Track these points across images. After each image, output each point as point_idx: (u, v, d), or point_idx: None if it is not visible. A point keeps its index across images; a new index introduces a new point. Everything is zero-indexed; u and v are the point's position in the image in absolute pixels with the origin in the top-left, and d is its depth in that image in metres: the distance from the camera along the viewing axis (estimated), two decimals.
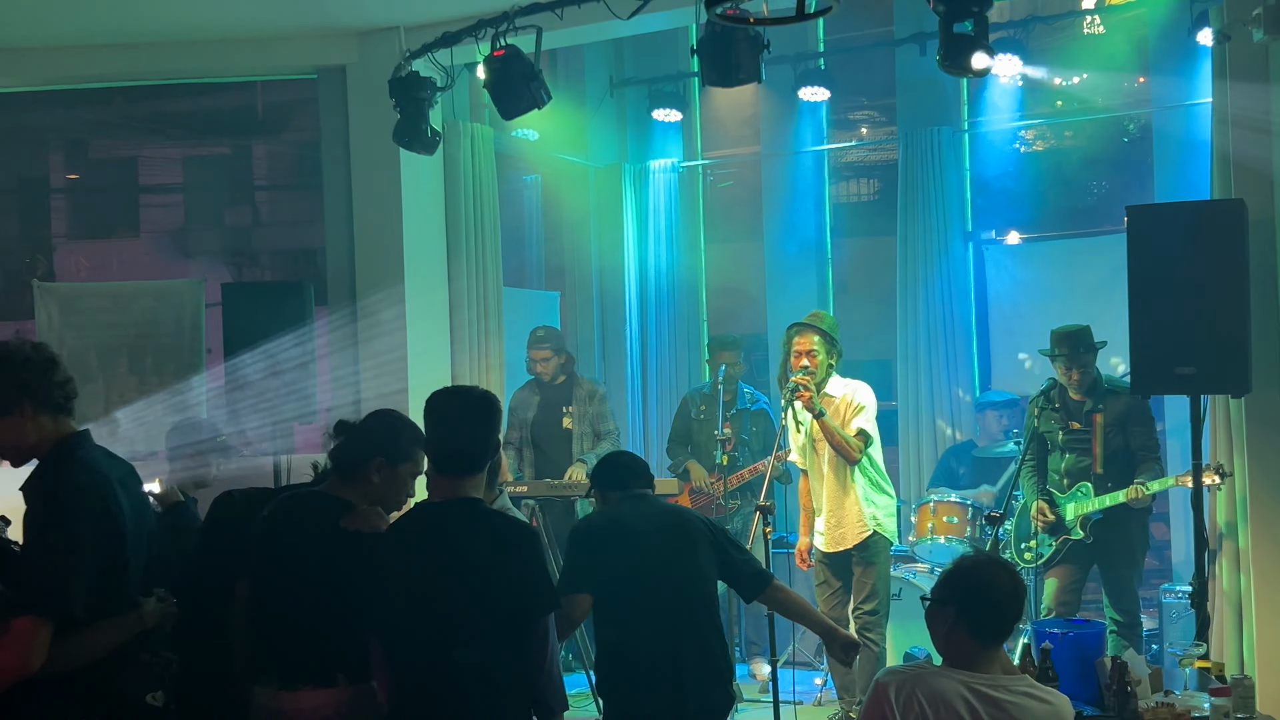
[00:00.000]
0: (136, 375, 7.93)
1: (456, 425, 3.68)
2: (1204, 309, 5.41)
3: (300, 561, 3.71)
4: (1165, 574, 8.22)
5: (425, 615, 3.53)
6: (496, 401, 3.79)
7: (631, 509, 4.62)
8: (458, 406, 3.73)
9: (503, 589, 3.53)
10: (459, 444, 3.67)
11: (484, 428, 3.72)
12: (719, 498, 7.74)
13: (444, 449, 3.68)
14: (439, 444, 3.69)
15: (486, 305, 8.22)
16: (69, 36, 7.79)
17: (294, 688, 3.66)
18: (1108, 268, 7.47)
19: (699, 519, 4.74)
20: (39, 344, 3.54)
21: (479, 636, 3.52)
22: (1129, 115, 10.09)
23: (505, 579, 3.54)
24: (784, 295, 9.55)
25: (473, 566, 3.54)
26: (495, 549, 3.57)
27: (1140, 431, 6.44)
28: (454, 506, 3.63)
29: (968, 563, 3.63)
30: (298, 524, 3.79)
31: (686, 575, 4.54)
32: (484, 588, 3.52)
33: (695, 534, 4.62)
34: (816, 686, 7.50)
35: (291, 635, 3.69)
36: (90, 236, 17.41)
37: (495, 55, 6.39)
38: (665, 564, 4.46)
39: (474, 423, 3.70)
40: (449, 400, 3.77)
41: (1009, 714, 3.37)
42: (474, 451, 3.69)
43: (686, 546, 4.58)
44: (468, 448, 3.68)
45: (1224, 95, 6.04)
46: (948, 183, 8.78)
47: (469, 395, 3.80)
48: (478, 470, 3.69)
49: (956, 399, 8.69)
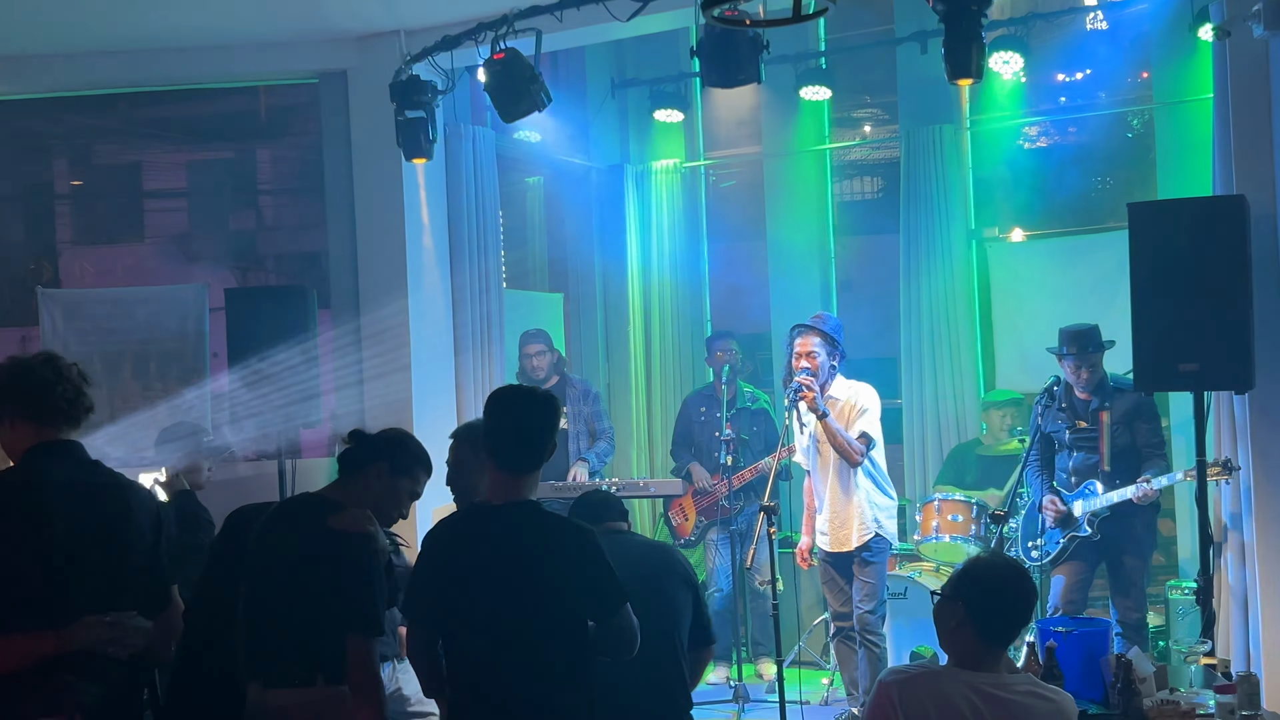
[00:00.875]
0: (141, 381, 7.96)
1: (518, 421, 3.71)
2: (1206, 305, 5.41)
3: (286, 560, 3.72)
4: (1171, 570, 8.20)
5: (488, 616, 3.55)
6: (557, 401, 3.82)
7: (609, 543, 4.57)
8: (520, 403, 3.76)
9: (569, 592, 3.56)
10: (519, 439, 3.70)
11: (544, 426, 3.74)
12: (723, 498, 7.74)
13: (503, 443, 3.69)
14: (498, 438, 3.71)
15: (489, 307, 8.23)
16: (71, 44, 7.81)
17: (277, 685, 3.66)
18: (1111, 264, 7.46)
19: (679, 559, 4.73)
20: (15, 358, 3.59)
21: (543, 639, 3.54)
22: (1131, 111, 10.07)
23: (571, 582, 3.57)
24: (787, 295, 9.54)
25: (536, 571, 3.56)
26: (558, 552, 3.60)
27: (1146, 429, 6.43)
28: (513, 509, 3.66)
29: (982, 561, 3.63)
30: (288, 524, 3.82)
31: (664, 611, 4.51)
32: (548, 592, 3.55)
33: (674, 572, 4.61)
34: (823, 686, 7.50)
35: (276, 634, 3.69)
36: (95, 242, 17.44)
37: (495, 58, 6.41)
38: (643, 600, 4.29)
39: (535, 419, 3.72)
40: (512, 396, 3.81)
41: (1013, 714, 3.37)
42: (533, 448, 3.71)
43: (666, 584, 4.56)
44: (527, 444, 3.70)
45: (1225, 91, 6.04)
46: (950, 180, 8.77)
47: (532, 393, 3.84)
48: (535, 468, 3.72)
49: (960, 397, 8.68)
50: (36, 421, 3.52)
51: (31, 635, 3.32)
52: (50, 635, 3.33)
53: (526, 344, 8.22)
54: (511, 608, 3.54)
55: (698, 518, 8.12)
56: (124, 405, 7.72)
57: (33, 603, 3.35)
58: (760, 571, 7.43)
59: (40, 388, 3.51)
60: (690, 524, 8.16)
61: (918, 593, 7.17)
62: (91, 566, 3.45)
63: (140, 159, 17.66)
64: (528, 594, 3.54)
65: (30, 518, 3.39)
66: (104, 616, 3.42)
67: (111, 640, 3.42)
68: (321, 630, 3.63)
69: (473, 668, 3.61)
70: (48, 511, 3.41)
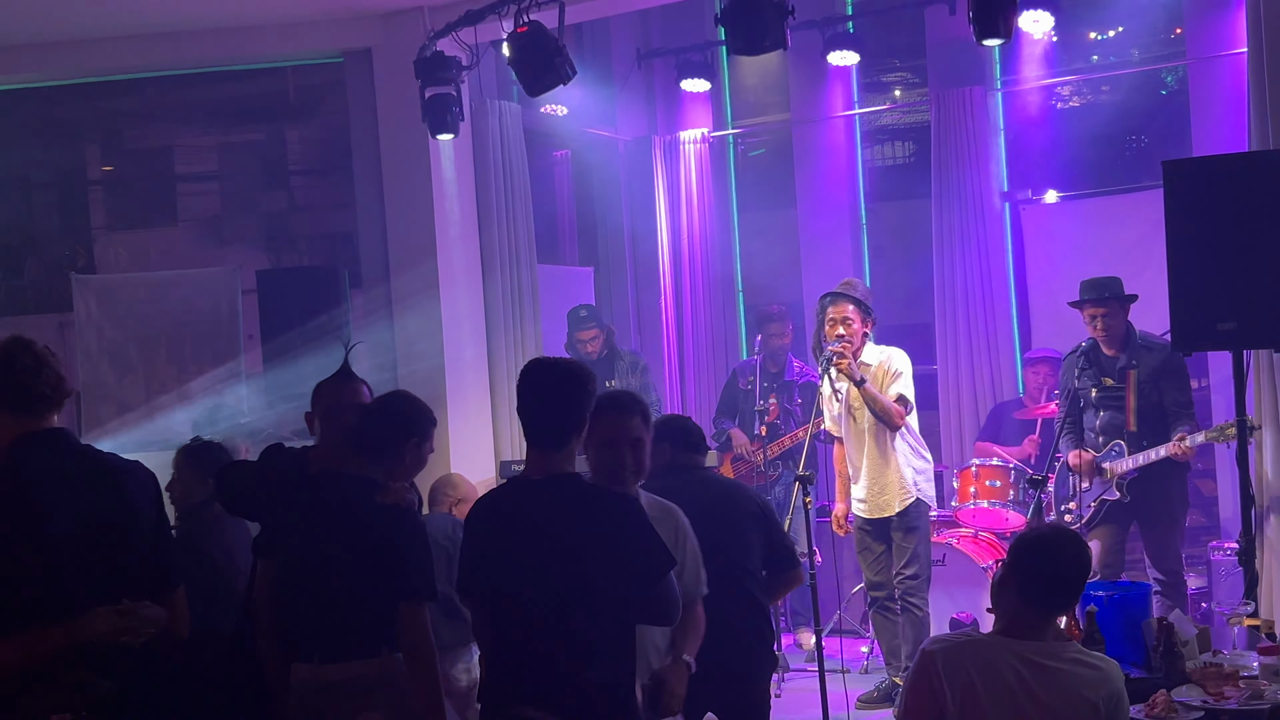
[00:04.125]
0: (176, 364, 8.00)
1: (544, 397, 3.64)
2: (1244, 263, 5.32)
3: (339, 539, 3.77)
4: (1213, 531, 8.13)
5: (532, 589, 3.54)
6: (587, 372, 3.70)
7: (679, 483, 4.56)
8: (549, 378, 3.66)
9: (611, 563, 3.53)
10: (546, 417, 3.63)
11: (571, 400, 3.63)
12: (759, 465, 7.73)
13: (532, 422, 3.64)
14: (529, 414, 3.65)
15: (520, 283, 8.22)
16: (99, 29, 7.83)
17: (337, 660, 3.72)
18: (1147, 224, 7.37)
19: (747, 495, 4.84)
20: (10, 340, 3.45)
21: (589, 608, 3.52)
22: (1165, 68, 9.93)
23: (612, 553, 3.54)
24: (819, 262, 9.49)
25: (578, 544, 3.52)
26: (599, 523, 3.56)
27: (1173, 388, 6.34)
28: (553, 483, 3.60)
29: (1033, 530, 3.62)
30: (333, 504, 3.84)
31: (734, 547, 4.61)
32: (591, 564, 3.52)
33: (741, 508, 4.73)
34: (862, 654, 7.49)
35: (327, 611, 3.74)
36: (128, 227, 17.50)
37: (519, 32, 6.37)
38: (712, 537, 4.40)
39: (561, 395, 3.62)
40: (541, 372, 3.70)
41: (1058, 681, 3.34)
42: (561, 425, 3.62)
43: (735, 520, 4.67)
44: (554, 421, 3.62)
45: (1260, 44, 5.93)
46: (982, 143, 8.68)
47: (559, 367, 3.73)
48: (567, 443, 3.63)
49: (997, 362, 8.61)
50: (20, 411, 3.37)
51: (39, 631, 3.24)
52: (58, 630, 3.25)
53: (579, 329, 8.16)
54: (554, 581, 3.52)
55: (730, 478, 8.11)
56: (160, 389, 7.77)
57: (38, 599, 3.27)
58: (797, 541, 7.40)
59: (25, 375, 3.36)
60: None
61: (956, 559, 7.14)
62: (93, 556, 3.37)
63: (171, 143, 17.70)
64: (570, 567, 3.52)
65: (25, 513, 3.30)
66: (114, 605, 3.32)
67: (124, 629, 3.33)
68: (375, 604, 3.70)
69: (514, 644, 3.61)
70: (43, 505, 3.32)
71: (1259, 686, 4.16)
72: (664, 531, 3.72)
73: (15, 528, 3.29)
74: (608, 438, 3.89)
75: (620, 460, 3.90)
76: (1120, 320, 6.44)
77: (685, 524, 4.16)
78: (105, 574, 3.38)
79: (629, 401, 4.02)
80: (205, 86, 15.68)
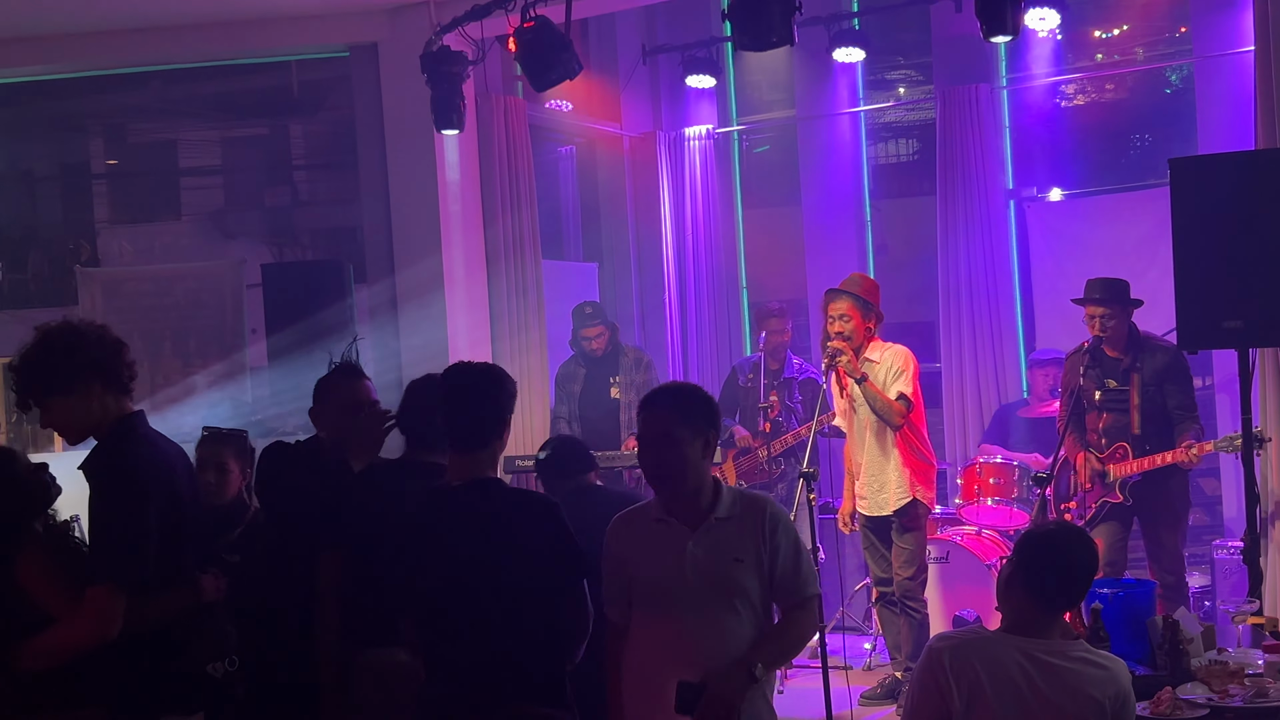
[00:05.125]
0: (180, 358, 8.00)
1: (465, 399, 3.72)
2: (1250, 261, 5.32)
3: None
4: (1217, 529, 8.13)
5: (457, 596, 3.59)
6: (504, 377, 3.80)
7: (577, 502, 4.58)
8: (465, 381, 3.76)
9: (532, 562, 3.58)
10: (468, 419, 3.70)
11: (491, 402, 3.71)
12: (763, 461, 7.73)
13: (454, 423, 3.70)
14: (449, 418, 3.71)
15: (525, 279, 8.22)
16: (104, 22, 7.83)
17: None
18: (1153, 222, 7.37)
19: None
20: (104, 326, 3.64)
21: (511, 612, 3.57)
22: (1171, 66, 9.93)
23: (530, 557, 3.59)
24: (823, 259, 9.49)
25: (500, 545, 3.58)
26: (516, 528, 3.61)
27: (1176, 390, 6.32)
28: (474, 488, 3.67)
29: (1040, 527, 3.63)
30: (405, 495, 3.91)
31: None
32: (513, 564, 3.58)
33: None
34: (866, 651, 7.49)
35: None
36: (132, 221, 17.51)
37: (525, 27, 6.37)
38: None
39: (481, 397, 3.70)
40: (457, 375, 3.80)
41: (1064, 679, 3.34)
42: (483, 427, 3.70)
43: None
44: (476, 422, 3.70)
45: (1266, 42, 5.93)
46: (987, 140, 8.67)
47: (474, 369, 3.82)
48: (486, 446, 3.71)
49: (1001, 360, 8.61)
50: (117, 393, 3.58)
51: (179, 590, 3.57)
52: (188, 590, 3.60)
53: (583, 326, 8.15)
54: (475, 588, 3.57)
55: (738, 481, 8.11)
56: (165, 382, 7.77)
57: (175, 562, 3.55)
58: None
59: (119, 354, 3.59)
60: None
61: (959, 557, 7.14)
62: (191, 525, 3.65)
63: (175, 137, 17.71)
64: (488, 573, 3.57)
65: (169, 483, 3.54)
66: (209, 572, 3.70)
67: (218, 589, 3.70)
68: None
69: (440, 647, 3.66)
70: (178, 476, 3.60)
71: (1264, 684, 4.16)
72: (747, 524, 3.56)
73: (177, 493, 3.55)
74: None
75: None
76: (1121, 322, 6.41)
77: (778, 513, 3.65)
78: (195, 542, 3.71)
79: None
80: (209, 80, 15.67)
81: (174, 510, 3.52)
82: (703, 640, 3.51)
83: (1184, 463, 6.15)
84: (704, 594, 3.53)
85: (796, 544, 3.64)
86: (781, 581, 3.60)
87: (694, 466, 3.58)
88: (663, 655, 3.53)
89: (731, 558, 3.55)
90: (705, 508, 3.59)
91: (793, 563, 3.61)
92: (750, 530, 3.58)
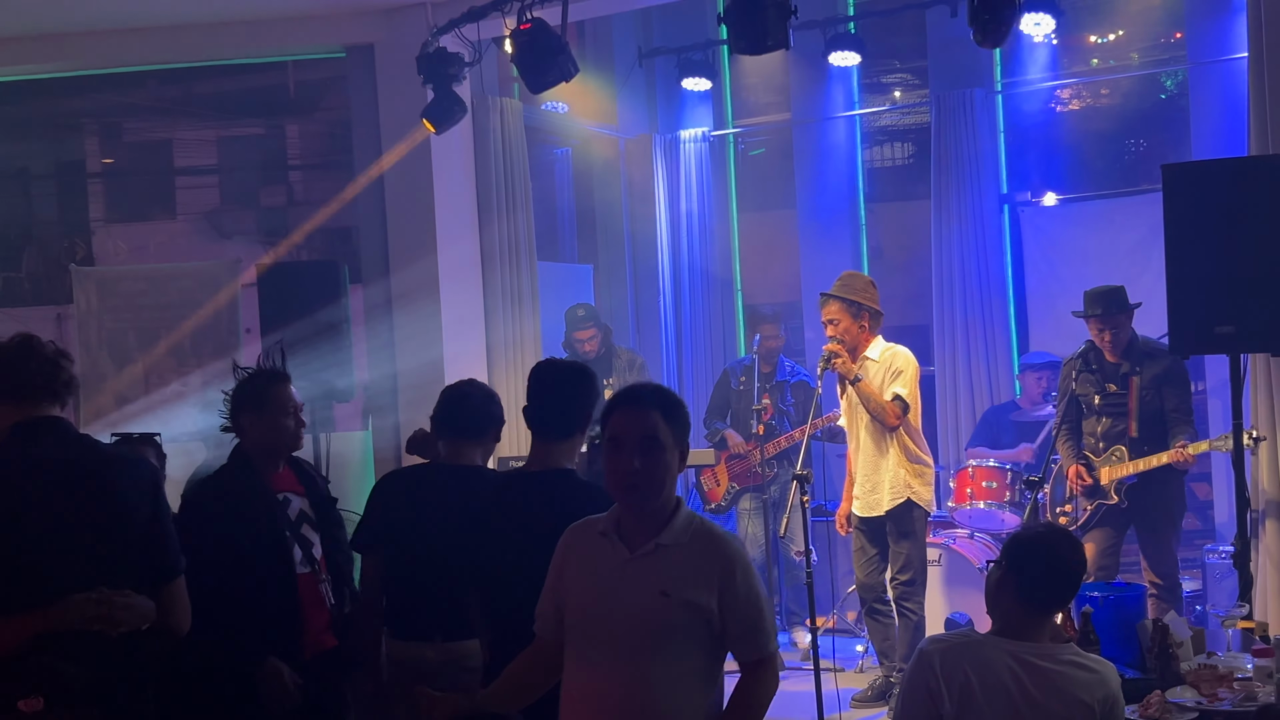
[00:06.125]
0: (175, 357, 7.99)
1: (549, 391, 3.88)
2: (1242, 267, 5.33)
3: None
4: (1209, 534, 8.16)
5: (521, 577, 3.59)
6: (590, 371, 3.99)
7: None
8: (552, 374, 3.95)
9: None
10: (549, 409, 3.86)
11: (576, 396, 3.88)
12: (756, 464, 7.74)
13: (535, 413, 3.86)
14: (531, 408, 3.89)
15: (520, 280, 8.22)
16: (101, 21, 7.83)
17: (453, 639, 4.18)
18: (1146, 227, 7.39)
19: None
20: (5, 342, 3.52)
21: None
22: (1165, 72, 9.96)
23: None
24: (818, 262, 9.50)
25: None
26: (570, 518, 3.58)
27: (1174, 394, 6.36)
28: (547, 476, 3.81)
29: (1030, 530, 3.63)
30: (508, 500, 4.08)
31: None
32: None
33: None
34: (857, 653, 7.50)
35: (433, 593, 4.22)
36: (127, 220, 17.51)
37: (522, 29, 6.37)
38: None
39: (566, 390, 3.87)
40: (546, 368, 4.00)
41: (1055, 683, 3.35)
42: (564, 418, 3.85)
43: None
44: (556, 413, 3.85)
45: (1260, 49, 5.94)
46: (981, 145, 8.70)
47: (563, 364, 4.05)
48: (566, 436, 3.86)
49: (994, 363, 8.63)
50: (13, 400, 3.44)
51: (16, 617, 3.24)
52: (35, 616, 3.25)
53: (576, 329, 8.19)
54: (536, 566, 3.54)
55: (730, 483, 8.12)
56: (159, 381, 7.77)
57: (19, 585, 3.28)
58: (794, 540, 7.44)
59: (10, 365, 3.45)
60: (722, 489, 8.16)
61: (952, 560, 7.16)
62: (76, 545, 3.37)
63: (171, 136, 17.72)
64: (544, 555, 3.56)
65: (7, 498, 3.33)
66: (90, 594, 3.31)
67: (98, 618, 3.31)
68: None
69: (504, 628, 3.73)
70: (25, 491, 3.34)
71: (1253, 688, 4.18)
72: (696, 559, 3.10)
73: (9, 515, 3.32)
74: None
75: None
76: (1125, 330, 6.47)
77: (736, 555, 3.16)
78: (88, 563, 3.36)
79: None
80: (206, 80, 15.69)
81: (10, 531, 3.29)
82: (628, 696, 3.01)
83: (1177, 463, 6.18)
84: (630, 635, 3.03)
85: (758, 593, 3.14)
86: (741, 636, 3.10)
87: (673, 479, 3.14)
88: (583, 712, 3.10)
89: (658, 590, 3.04)
90: (655, 529, 3.11)
91: (755, 614, 3.10)
92: (699, 566, 3.08)
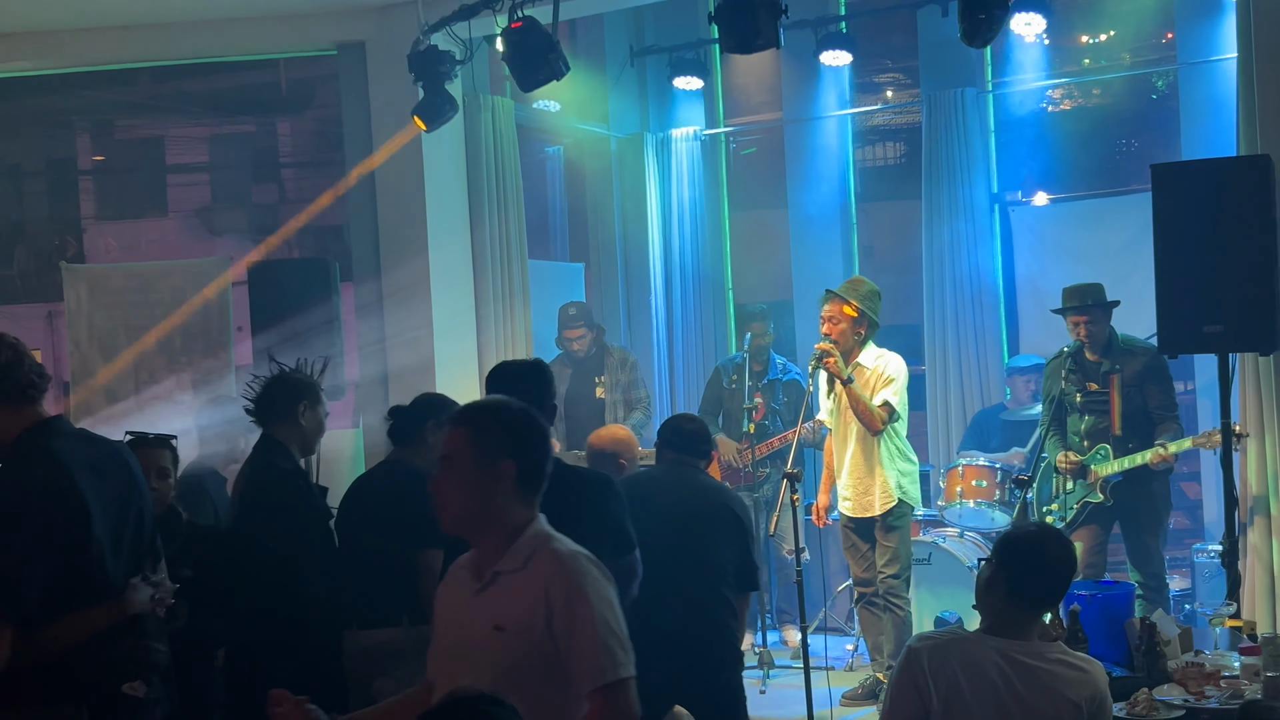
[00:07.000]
0: (166, 354, 7.97)
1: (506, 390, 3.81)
2: (1231, 266, 5.35)
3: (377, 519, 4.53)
4: (1197, 533, 8.18)
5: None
6: (542, 365, 4.16)
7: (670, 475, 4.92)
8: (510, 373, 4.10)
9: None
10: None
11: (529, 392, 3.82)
12: (747, 466, 7.75)
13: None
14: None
15: (511, 278, 8.22)
16: (93, 18, 7.81)
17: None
18: (1136, 227, 7.40)
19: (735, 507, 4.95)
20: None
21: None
22: (1155, 72, 9.98)
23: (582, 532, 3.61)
24: (809, 262, 9.50)
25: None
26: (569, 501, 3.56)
27: (1157, 391, 6.39)
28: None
29: (1020, 529, 3.65)
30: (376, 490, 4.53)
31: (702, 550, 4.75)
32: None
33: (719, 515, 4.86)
34: (848, 652, 7.52)
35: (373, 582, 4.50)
36: (118, 217, 17.50)
37: (513, 27, 6.37)
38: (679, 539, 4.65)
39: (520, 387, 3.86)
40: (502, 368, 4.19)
41: (1042, 682, 3.37)
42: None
43: (711, 526, 4.80)
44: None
45: (1249, 50, 5.96)
46: (973, 144, 8.70)
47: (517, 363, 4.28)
48: None
49: (984, 363, 8.65)
50: (14, 402, 3.41)
51: (96, 608, 3.38)
52: (109, 606, 3.40)
53: (567, 328, 8.21)
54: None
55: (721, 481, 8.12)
56: (150, 379, 7.76)
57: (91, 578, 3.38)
58: (784, 539, 7.45)
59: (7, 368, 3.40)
60: None
61: (942, 558, 7.17)
62: (123, 535, 3.49)
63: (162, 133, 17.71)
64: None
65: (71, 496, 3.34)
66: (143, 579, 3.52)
67: (157, 601, 3.53)
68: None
69: None
70: (83, 487, 3.36)
71: (1240, 686, 4.20)
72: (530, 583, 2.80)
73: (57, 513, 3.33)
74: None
75: None
76: (1103, 326, 6.48)
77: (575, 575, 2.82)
78: (131, 552, 3.53)
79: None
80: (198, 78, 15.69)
81: (72, 524, 3.32)
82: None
83: (1154, 464, 6.19)
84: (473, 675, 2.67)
85: (602, 617, 2.76)
86: (577, 665, 2.74)
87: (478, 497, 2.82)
88: None
89: (491, 624, 2.77)
90: (495, 556, 2.85)
91: (589, 639, 2.73)
92: (531, 592, 2.77)
